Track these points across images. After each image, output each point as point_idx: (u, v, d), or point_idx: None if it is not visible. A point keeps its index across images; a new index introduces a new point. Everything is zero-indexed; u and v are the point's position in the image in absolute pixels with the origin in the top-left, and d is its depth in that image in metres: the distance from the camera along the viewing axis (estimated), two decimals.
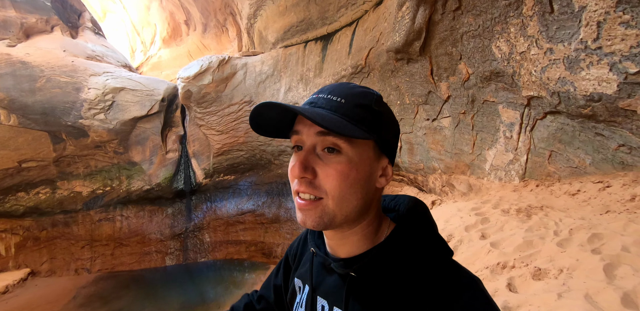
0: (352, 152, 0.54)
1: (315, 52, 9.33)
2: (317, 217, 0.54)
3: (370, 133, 0.53)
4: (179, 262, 9.03)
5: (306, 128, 0.55)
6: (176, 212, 9.41)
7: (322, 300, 0.62)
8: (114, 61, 10.19)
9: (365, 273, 0.56)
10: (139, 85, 9.31)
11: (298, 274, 0.74)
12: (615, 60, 2.38)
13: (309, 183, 0.54)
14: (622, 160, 2.64)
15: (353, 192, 0.54)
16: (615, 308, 1.42)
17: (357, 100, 0.55)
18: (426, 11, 4.61)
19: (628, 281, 1.58)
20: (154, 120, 9.39)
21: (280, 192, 9.95)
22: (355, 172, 0.53)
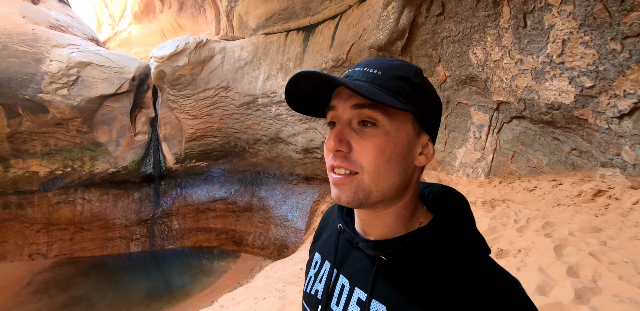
0: (389, 125, 0.51)
1: (296, 42, 9.27)
2: (352, 192, 0.51)
3: (408, 105, 0.51)
4: (145, 249, 8.80)
5: (342, 103, 0.53)
6: (143, 197, 9.10)
7: (344, 279, 0.60)
8: (80, 33, 9.45)
9: (397, 259, 0.53)
10: (108, 61, 8.76)
11: (319, 248, 0.72)
12: (574, 74, 2.72)
13: (344, 158, 0.51)
14: (573, 162, 3.04)
15: (390, 168, 0.51)
16: (562, 277, 1.75)
17: (394, 72, 0.53)
18: (411, 13, 4.79)
19: (573, 258, 1.93)
20: (122, 99, 8.91)
21: (253, 180, 9.94)
22: (392, 146, 0.51)
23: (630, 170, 2.51)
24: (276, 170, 10.07)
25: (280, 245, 8.99)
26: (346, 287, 0.59)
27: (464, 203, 0.58)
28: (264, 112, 9.83)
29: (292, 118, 9.43)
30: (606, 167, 2.71)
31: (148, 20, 13.30)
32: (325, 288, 0.63)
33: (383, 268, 0.54)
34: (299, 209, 9.22)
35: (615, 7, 2.14)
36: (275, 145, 10.07)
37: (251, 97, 9.86)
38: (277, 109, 9.61)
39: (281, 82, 9.42)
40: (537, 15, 2.83)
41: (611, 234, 2.17)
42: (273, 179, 9.96)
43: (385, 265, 0.54)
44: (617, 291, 1.60)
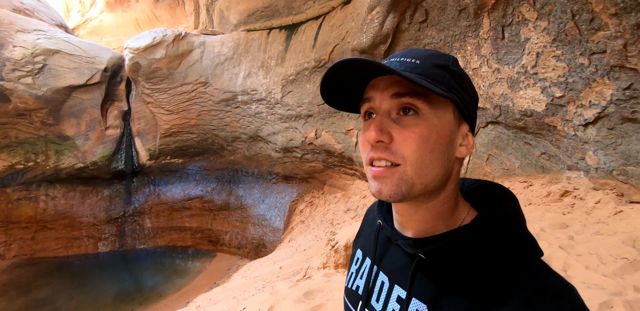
0: (431, 113, 0.49)
1: (278, 40, 9.23)
2: (395, 185, 0.49)
3: (449, 93, 0.49)
4: (114, 249, 8.41)
5: (379, 93, 0.52)
6: (114, 195, 8.69)
7: (384, 276, 0.59)
8: (47, 18, 8.84)
9: (437, 257, 0.51)
10: (78, 49, 8.27)
11: (360, 245, 0.71)
12: (546, 85, 2.95)
13: (385, 149, 0.49)
14: (542, 165, 3.29)
15: (434, 158, 0.49)
16: None
17: (433, 60, 0.51)
18: (395, 19, 4.95)
19: (545, 251, 2.13)
20: (93, 91, 8.46)
21: (231, 178, 9.79)
22: (435, 135, 0.49)
23: (592, 173, 2.77)
24: (255, 169, 9.98)
25: (258, 244, 8.93)
26: (386, 284, 0.58)
27: (513, 200, 0.54)
28: (244, 109, 9.71)
29: (273, 116, 9.39)
30: (572, 170, 2.96)
31: (122, 9, 12.67)
32: (365, 284, 0.62)
33: (422, 266, 0.52)
34: (277, 208, 9.19)
35: (584, 26, 2.36)
36: (254, 143, 9.97)
37: (231, 94, 9.69)
38: (257, 107, 9.52)
39: (262, 79, 9.33)
40: (514, 28, 3.04)
41: (577, 230, 2.39)
42: (251, 178, 9.86)
43: (424, 263, 0.52)
44: (584, 279, 1.79)
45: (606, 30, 2.22)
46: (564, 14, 2.47)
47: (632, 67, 2.19)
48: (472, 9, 3.38)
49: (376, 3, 5.05)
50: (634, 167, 2.48)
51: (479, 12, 3.34)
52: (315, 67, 7.96)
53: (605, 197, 2.62)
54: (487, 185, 0.58)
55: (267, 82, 9.23)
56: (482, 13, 3.32)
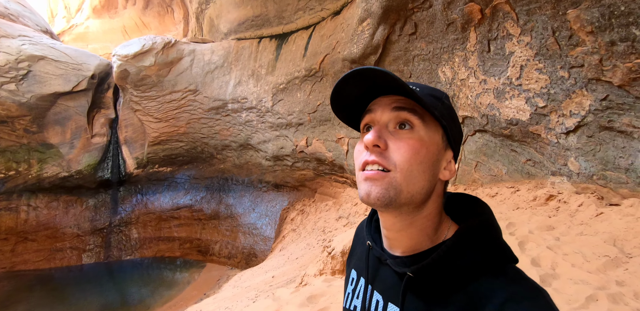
0: (423, 131, 0.54)
1: (269, 49, 9.35)
2: (384, 188, 0.52)
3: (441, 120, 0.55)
4: (99, 260, 8.13)
5: (382, 107, 0.56)
6: (99, 204, 8.45)
7: (378, 295, 0.62)
8: (32, 24, 8.69)
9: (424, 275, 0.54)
10: (64, 56, 8.14)
11: (355, 265, 0.74)
12: (530, 95, 3.14)
13: (379, 154, 0.53)
14: (528, 171, 3.46)
15: (422, 170, 0.53)
16: (527, 267, 2.07)
17: (430, 91, 0.58)
18: (385, 30, 5.14)
19: (534, 251, 2.24)
20: (79, 98, 8.30)
21: (221, 187, 9.70)
22: (425, 150, 0.54)
23: (575, 178, 2.94)
24: (245, 177, 9.93)
25: (249, 253, 8.83)
26: (380, 303, 0.61)
27: (488, 213, 0.58)
28: (234, 117, 9.71)
29: (263, 125, 9.42)
30: (556, 175, 3.14)
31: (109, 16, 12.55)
32: (362, 304, 0.65)
33: (411, 284, 0.55)
34: (268, 217, 9.14)
35: (564, 41, 2.56)
36: (244, 151, 9.94)
37: (221, 102, 9.70)
38: (248, 115, 9.54)
39: (252, 88, 9.40)
40: (499, 42, 3.24)
41: (563, 231, 2.53)
42: (241, 186, 9.80)
43: (413, 280, 0.55)
44: (571, 276, 1.91)
45: (584, 46, 2.41)
46: (545, 30, 2.67)
47: (608, 80, 2.38)
48: (459, 23, 3.58)
49: (367, 15, 5.24)
50: (611, 172, 2.66)
51: (466, 26, 3.54)
52: (306, 75, 8.10)
53: (587, 200, 2.79)
54: (465, 199, 0.63)
55: (257, 90, 9.29)
56: (469, 27, 3.52)
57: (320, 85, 7.85)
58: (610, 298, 1.67)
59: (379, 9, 4.74)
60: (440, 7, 3.70)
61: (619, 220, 2.39)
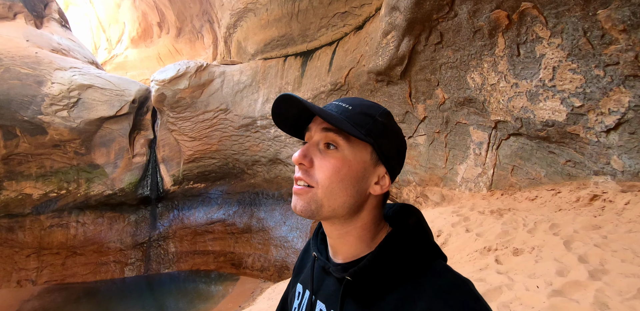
0: (348, 151, 0.57)
1: (294, 66, 9.79)
2: (306, 202, 0.57)
3: (367, 137, 0.57)
4: (140, 273, 8.48)
5: (315, 125, 0.61)
6: (139, 220, 8.91)
7: (321, 304, 0.64)
8: (81, 56, 9.64)
9: (360, 277, 0.57)
10: (109, 84, 8.92)
11: (300, 280, 0.76)
12: (565, 96, 3.15)
13: (305, 172, 0.58)
14: (568, 172, 3.41)
15: (343, 187, 0.57)
16: (574, 264, 2.05)
17: (363, 109, 0.60)
18: (410, 41, 5.31)
19: (581, 249, 2.21)
20: (122, 121, 8.99)
21: (252, 201, 9.95)
22: (347, 169, 0.57)
23: (619, 177, 2.88)
24: (275, 191, 10.15)
25: (281, 266, 8.88)
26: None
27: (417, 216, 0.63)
28: (263, 133, 10.09)
29: (291, 139, 9.71)
30: (599, 175, 3.07)
31: (145, 45, 13.69)
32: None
33: (350, 289, 0.58)
34: (299, 230, 9.23)
35: (596, 41, 2.60)
36: (274, 166, 10.23)
37: (250, 119, 10.14)
38: (276, 131, 9.89)
39: None
40: (529, 45, 3.31)
41: (610, 230, 2.47)
42: (272, 200, 10.01)
43: (352, 285, 0.58)
44: (622, 271, 1.88)
45: (617, 44, 2.45)
46: (575, 32, 2.73)
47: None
48: (486, 30, 3.69)
49: (391, 28, 5.45)
50: None
51: (494, 32, 3.64)
52: (332, 89, 8.37)
53: (634, 198, 2.71)
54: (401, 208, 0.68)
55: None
56: (497, 33, 3.62)
57: None
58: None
59: (403, 22, 4.93)
60: (465, 16, 3.84)
61: None
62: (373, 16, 7.47)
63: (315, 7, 8.82)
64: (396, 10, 5.06)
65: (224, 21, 11.70)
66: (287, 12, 9.43)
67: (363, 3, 7.87)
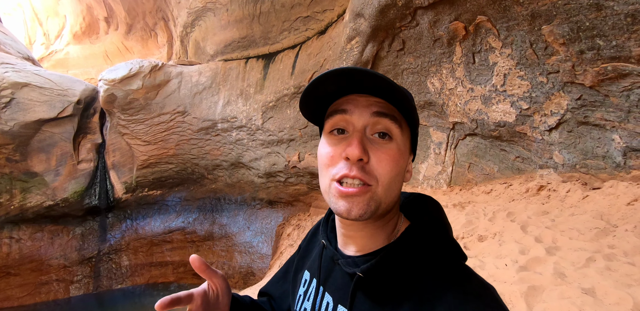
0: (400, 140, 0.52)
1: (256, 69, 9.69)
2: (365, 204, 0.50)
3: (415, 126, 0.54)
4: (88, 291, 7.67)
5: (359, 108, 0.52)
6: (87, 233, 8.08)
7: (329, 296, 0.60)
8: (14, 51, 8.57)
9: (373, 274, 0.52)
10: (49, 82, 8.06)
11: (308, 266, 0.71)
12: (514, 99, 3.57)
13: (361, 168, 0.50)
14: (518, 167, 3.85)
15: (397, 181, 0.52)
16: (532, 244, 2.39)
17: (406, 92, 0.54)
18: (374, 47, 5.60)
19: (535, 232, 2.57)
20: (65, 124, 8.15)
21: (214, 207, 9.59)
22: (402, 161, 0.52)
23: (560, 169, 3.33)
24: (238, 196, 9.89)
25: (246, 272, 8.66)
26: (330, 305, 0.59)
27: (438, 210, 0.58)
28: (224, 137, 9.80)
29: (254, 142, 9.57)
30: (543, 168, 3.52)
31: (90, 41, 12.53)
32: (312, 306, 0.63)
33: (361, 284, 0.53)
34: (263, 234, 9.09)
35: (541, 52, 3.01)
36: (236, 170, 9.97)
37: (210, 122, 9.79)
38: (238, 134, 9.67)
39: (242, 107, 9.60)
40: (483, 54, 3.70)
41: (556, 214, 2.86)
42: (235, 205, 9.74)
43: (363, 281, 0.53)
44: (571, 246, 2.23)
45: (558, 56, 2.86)
46: (523, 43, 3.12)
47: (580, 82, 2.82)
48: (445, 39, 4.04)
49: (355, 34, 5.69)
50: (591, 160, 3.07)
51: (452, 41, 4.00)
52: (295, 93, 8.43)
53: (573, 187, 3.17)
54: (418, 198, 0.63)
55: (247, 109, 9.50)
56: (455, 42, 3.98)
57: None
58: (605, 258, 1.98)
59: (368, 28, 5.19)
60: (426, 26, 4.17)
61: (602, 200, 2.75)
62: (335, 22, 7.71)
63: (278, 10, 8.86)
64: (361, 17, 5.30)
65: (181, 19, 11.21)
66: (248, 14, 9.34)
67: (325, 8, 8.09)
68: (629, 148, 2.69)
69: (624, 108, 2.60)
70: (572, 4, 2.52)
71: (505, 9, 3.14)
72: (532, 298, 1.77)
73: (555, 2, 2.65)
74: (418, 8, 4.05)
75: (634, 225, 2.27)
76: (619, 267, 1.88)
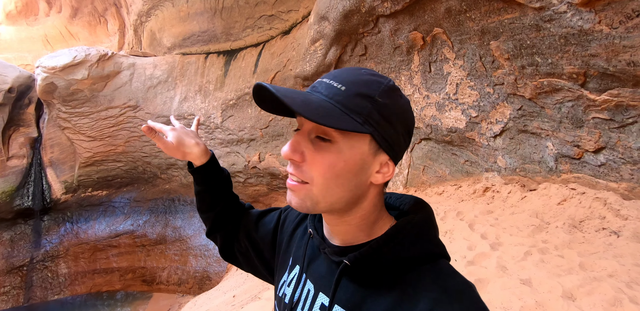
0: (343, 143, 0.51)
1: (217, 65, 9.37)
2: (301, 199, 0.54)
3: (365, 126, 0.50)
4: (18, 304, 6.82)
5: None
6: (17, 238, 7.19)
7: (310, 284, 0.62)
8: None
9: (360, 263, 0.54)
10: None
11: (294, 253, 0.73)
12: (465, 107, 3.85)
13: (297, 167, 0.53)
14: (466, 170, 4.15)
15: (339, 183, 0.52)
16: (478, 240, 2.60)
17: (359, 89, 0.51)
18: (337, 51, 5.70)
19: (481, 229, 2.80)
20: None
21: (167, 209, 9.08)
22: (342, 164, 0.51)
23: (503, 172, 3.66)
24: (193, 197, 9.47)
25: (202, 277, 8.32)
26: (311, 292, 0.60)
27: (428, 212, 0.60)
28: None
29: (212, 141, 9.24)
30: (488, 171, 3.84)
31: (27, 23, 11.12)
32: (292, 292, 0.65)
33: (346, 273, 0.55)
34: None
35: (489, 65, 3.29)
36: None
37: (165, 118, 9.26)
38: None
39: (200, 104, 9.23)
40: (439, 64, 3.94)
41: (499, 213, 3.15)
42: (190, 206, 9.31)
43: (348, 270, 0.55)
44: (511, 242, 2.47)
45: (503, 69, 3.14)
46: (474, 56, 3.39)
47: (521, 94, 3.13)
48: (404, 48, 4.24)
49: (319, 36, 5.75)
50: (529, 165, 3.41)
51: (411, 50, 4.21)
52: None
53: (513, 188, 3.50)
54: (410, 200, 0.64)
55: (205, 106, 9.15)
56: (413, 51, 4.19)
57: None
58: (539, 252, 2.25)
59: (332, 32, 5.27)
60: (387, 33, 4.34)
61: (537, 200, 3.08)
62: (300, 23, 7.72)
63: (241, 6, 8.66)
64: (325, 20, 5.37)
65: (135, 7, 10.47)
66: (210, 7, 9.01)
67: (290, 9, 8.07)
68: (559, 155, 3.04)
69: (556, 119, 2.94)
70: (517, 24, 2.79)
71: (459, 23, 3.38)
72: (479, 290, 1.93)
73: (502, 21, 2.91)
74: (380, 16, 4.20)
75: (563, 222, 2.57)
76: (551, 259, 2.13)
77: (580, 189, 2.83)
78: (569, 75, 2.59)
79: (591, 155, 2.79)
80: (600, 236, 2.27)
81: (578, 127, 2.78)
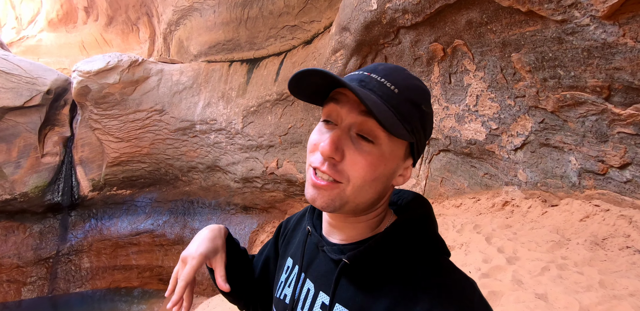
0: (386, 146, 0.50)
1: (240, 72, 9.68)
2: (330, 199, 0.51)
3: (411, 135, 0.51)
4: (42, 294, 7.15)
5: (349, 104, 0.51)
6: (46, 231, 7.59)
7: (310, 283, 0.61)
8: None
9: (359, 262, 0.53)
10: (17, 69, 7.64)
11: (291, 253, 0.72)
12: (485, 119, 3.83)
13: (333, 166, 0.50)
14: (486, 183, 4.09)
15: (374, 185, 0.52)
16: (495, 254, 2.56)
17: (411, 95, 0.51)
18: (357, 61, 5.79)
19: (498, 243, 2.75)
20: (31, 114, 7.72)
21: (186, 210, 9.33)
22: (383, 167, 0.51)
23: (523, 186, 3.59)
24: (212, 200, 9.69)
25: None
26: (311, 291, 0.59)
27: (427, 208, 0.59)
28: (202, 138, 9.63)
29: (232, 146, 9.47)
30: (508, 185, 3.77)
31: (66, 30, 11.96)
32: (292, 292, 0.64)
33: (346, 272, 0.54)
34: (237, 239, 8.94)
35: (510, 77, 3.27)
36: (212, 173, 9.79)
37: (188, 123, 9.61)
38: (217, 137, 9.54)
39: (222, 110, 9.52)
40: (459, 76, 3.95)
41: (518, 227, 3.08)
42: (208, 209, 9.53)
43: (348, 268, 0.54)
44: (529, 257, 2.42)
45: (524, 81, 3.12)
46: (495, 68, 3.38)
47: (543, 107, 3.09)
48: (424, 59, 4.28)
49: (340, 46, 5.87)
50: (551, 179, 3.33)
51: (431, 61, 4.24)
52: (277, 99, 8.49)
53: (534, 203, 3.42)
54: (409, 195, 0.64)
55: (227, 112, 9.43)
56: (433, 62, 4.22)
57: (291, 109, 8.25)
58: (558, 267, 2.19)
59: (353, 42, 5.38)
60: (408, 44, 4.39)
61: (559, 216, 3.00)
62: (322, 33, 7.90)
63: (265, 17, 8.96)
64: (347, 31, 5.49)
65: (166, 17, 11.04)
66: (235, 17, 9.37)
67: (312, 20, 8.28)
68: (583, 170, 2.97)
69: (579, 133, 2.88)
70: (538, 36, 2.78)
71: (480, 35, 3.40)
72: (492, 302, 1.92)
73: (523, 33, 2.92)
74: (401, 27, 4.27)
75: (585, 239, 2.50)
76: (570, 276, 2.07)
77: (605, 206, 2.74)
78: (593, 89, 2.55)
79: (616, 170, 2.71)
80: (624, 254, 2.19)
81: (602, 142, 2.72)
